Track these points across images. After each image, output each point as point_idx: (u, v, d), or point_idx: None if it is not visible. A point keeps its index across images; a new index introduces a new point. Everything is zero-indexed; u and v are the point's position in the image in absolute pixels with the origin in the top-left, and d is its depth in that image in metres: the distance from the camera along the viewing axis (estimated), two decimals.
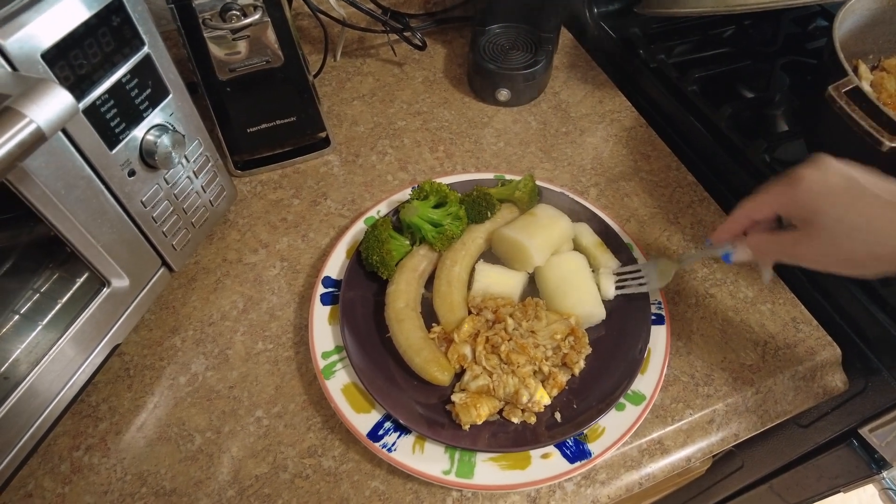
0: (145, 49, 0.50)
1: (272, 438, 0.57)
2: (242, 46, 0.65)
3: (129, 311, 0.57)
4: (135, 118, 0.51)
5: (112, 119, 0.49)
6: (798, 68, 0.85)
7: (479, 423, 0.54)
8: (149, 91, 0.52)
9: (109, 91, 0.48)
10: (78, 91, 0.45)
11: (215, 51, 0.64)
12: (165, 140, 0.53)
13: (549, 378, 0.56)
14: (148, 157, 0.53)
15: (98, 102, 0.47)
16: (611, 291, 0.64)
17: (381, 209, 0.70)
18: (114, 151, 0.50)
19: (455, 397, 0.55)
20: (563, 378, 0.56)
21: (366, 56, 0.93)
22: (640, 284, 0.63)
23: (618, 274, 0.65)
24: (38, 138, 0.36)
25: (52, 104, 0.37)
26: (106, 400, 0.59)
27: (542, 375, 0.57)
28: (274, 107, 0.72)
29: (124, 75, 0.49)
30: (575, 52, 0.96)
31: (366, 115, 0.85)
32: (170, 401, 0.59)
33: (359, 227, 0.69)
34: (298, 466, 0.55)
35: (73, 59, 0.44)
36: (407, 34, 0.86)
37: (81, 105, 0.45)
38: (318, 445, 0.56)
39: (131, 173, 0.52)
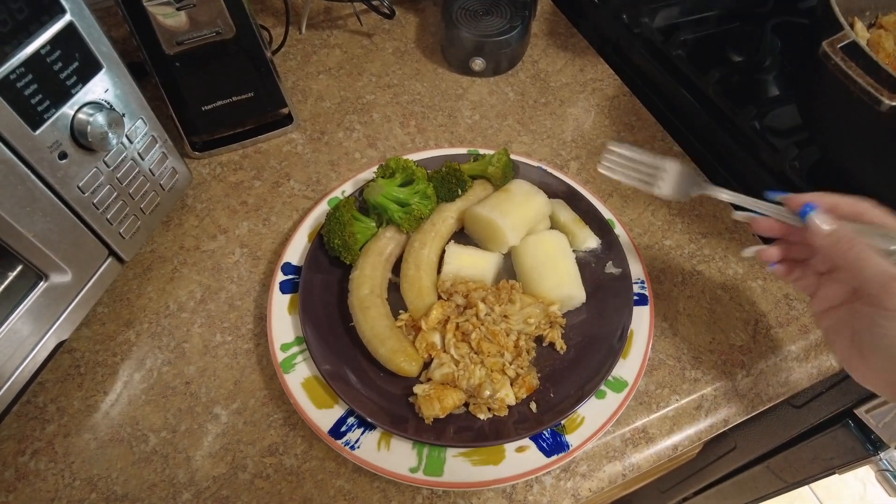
0: (67, 17, 0.45)
1: (231, 437, 0.53)
2: (189, 16, 0.60)
3: (73, 305, 0.53)
4: (62, 95, 0.47)
5: (33, 96, 0.44)
6: (790, 29, 0.81)
7: (443, 416, 0.50)
8: (76, 65, 0.47)
9: (26, 64, 0.43)
10: None
11: (159, 21, 0.59)
12: (100, 119, 0.49)
13: (518, 379, 0.52)
14: (81, 137, 0.48)
15: (13, 77, 0.42)
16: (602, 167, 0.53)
17: (347, 189, 0.66)
18: (38, 132, 0.45)
19: (417, 389, 0.51)
20: (533, 381, 0.52)
21: (333, 27, 0.87)
22: (645, 181, 0.47)
23: (618, 154, 0.51)
24: None
25: None
26: (54, 400, 0.55)
27: (512, 375, 0.53)
28: (229, 82, 0.67)
29: (43, 46, 0.44)
30: (554, 17, 0.90)
31: (332, 90, 0.80)
32: (123, 399, 0.55)
33: (322, 208, 0.64)
34: (259, 466, 0.52)
35: None
36: (374, 2, 0.81)
37: None
38: (280, 443, 0.53)
39: (62, 156, 0.48)
